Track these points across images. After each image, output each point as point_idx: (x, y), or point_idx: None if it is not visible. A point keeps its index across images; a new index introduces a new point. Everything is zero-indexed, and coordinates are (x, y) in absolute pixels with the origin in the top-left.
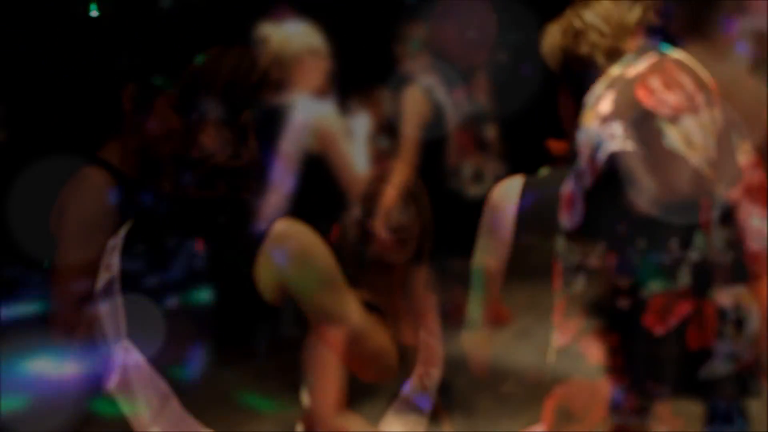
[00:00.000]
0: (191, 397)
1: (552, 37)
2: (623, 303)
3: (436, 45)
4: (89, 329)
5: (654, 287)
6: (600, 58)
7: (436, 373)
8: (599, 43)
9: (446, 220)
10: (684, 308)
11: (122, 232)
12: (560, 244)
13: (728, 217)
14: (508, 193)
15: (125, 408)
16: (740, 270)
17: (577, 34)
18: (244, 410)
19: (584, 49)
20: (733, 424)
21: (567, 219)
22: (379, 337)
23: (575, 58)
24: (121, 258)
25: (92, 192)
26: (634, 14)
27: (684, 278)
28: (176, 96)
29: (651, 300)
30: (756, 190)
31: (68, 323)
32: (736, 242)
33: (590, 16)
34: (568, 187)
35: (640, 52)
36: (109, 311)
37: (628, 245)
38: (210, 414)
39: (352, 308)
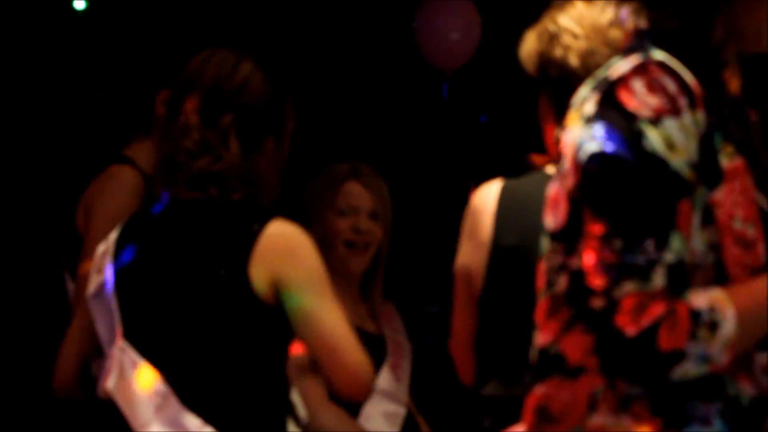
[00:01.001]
0: (191, 394)
1: (528, 42)
2: (597, 303)
3: None
4: None
5: (627, 288)
6: (573, 60)
7: (407, 365)
8: (572, 45)
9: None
10: (657, 309)
11: (113, 235)
12: (544, 244)
13: (710, 219)
14: (487, 197)
15: (123, 408)
16: (722, 272)
17: (552, 38)
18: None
19: (558, 52)
20: (710, 426)
21: (550, 220)
22: (359, 353)
23: (550, 61)
24: (113, 260)
25: (123, 190)
26: (606, 15)
27: (658, 279)
28: (165, 99)
29: (624, 300)
30: (739, 193)
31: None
32: (718, 245)
33: (564, 19)
34: (552, 188)
35: (627, 54)
36: (103, 313)
37: (605, 245)
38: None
39: (338, 315)
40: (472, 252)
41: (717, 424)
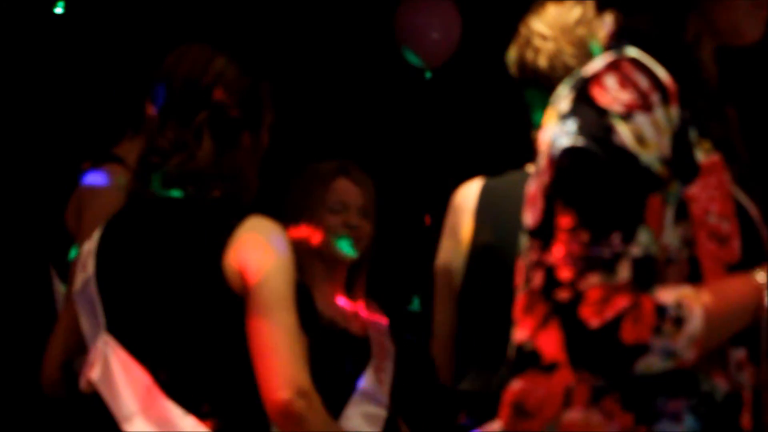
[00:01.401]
0: (175, 386)
1: (511, 48)
2: (563, 295)
3: None
4: None
5: (592, 280)
6: (542, 62)
7: (390, 366)
8: (542, 47)
9: None
10: (621, 302)
11: (96, 235)
12: (522, 241)
13: (685, 214)
14: (467, 195)
15: (107, 400)
16: (696, 268)
17: (525, 42)
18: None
19: (530, 55)
20: (681, 423)
21: (528, 217)
22: (293, 368)
23: (524, 64)
24: (96, 258)
25: (113, 190)
26: (574, 14)
27: (624, 273)
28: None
29: (589, 292)
30: (714, 188)
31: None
32: (693, 240)
33: (535, 22)
34: (531, 186)
35: (604, 52)
36: (87, 307)
37: (572, 237)
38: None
39: (287, 321)
40: (451, 250)
41: (688, 420)
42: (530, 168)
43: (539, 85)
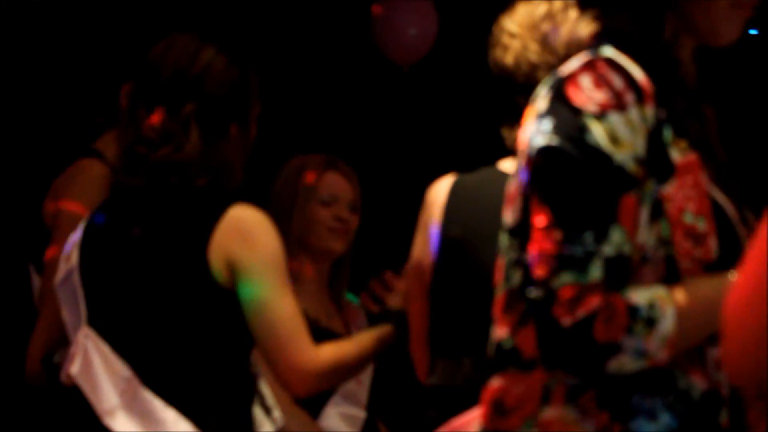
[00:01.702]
0: (156, 379)
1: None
2: (536, 293)
3: None
4: None
5: (565, 279)
6: (509, 60)
7: (369, 367)
8: (509, 45)
9: None
10: (593, 301)
11: (82, 226)
12: (502, 240)
13: (660, 213)
14: (438, 191)
15: (88, 393)
16: (673, 267)
17: (496, 41)
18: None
19: (499, 53)
20: (657, 420)
21: (508, 215)
22: (307, 348)
23: (495, 62)
24: (80, 249)
25: (91, 183)
26: (540, 10)
27: (596, 272)
28: (128, 91)
29: (561, 291)
30: (690, 187)
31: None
32: (669, 239)
33: (506, 21)
34: (511, 185)
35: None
36: (69, 299)
37: (546, 236)
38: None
39: (290, 306)
40: (423, 246)
41: (664, 418)
42: (502, 164)
43: (508, 82)
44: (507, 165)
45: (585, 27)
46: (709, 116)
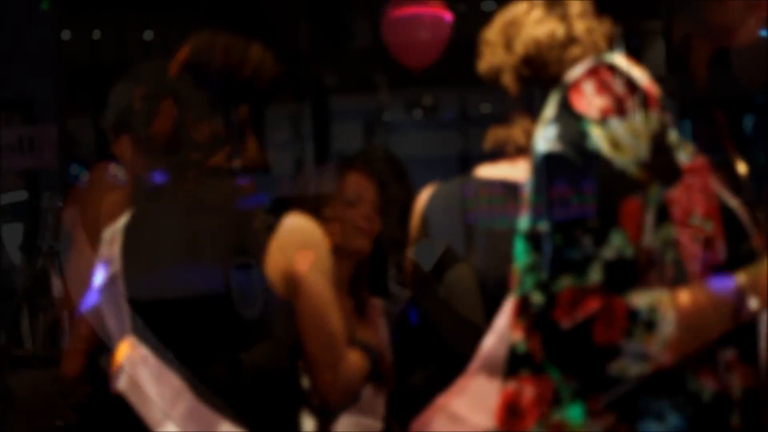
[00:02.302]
0: (209, 389)
1: None
2: (538, 297)
3: None
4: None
5: (564, 282)
6: (483, 67)
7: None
8: (483, 52)
9: None
10: (592, 304)
11: (120, 224)
12: (517, 245)
13: (666, 216)
14: (420, 200)
15: (136, 406)
16: (681, 270)
17: (478, 53)
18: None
19: (479, 62)
20: (665, 421)
21: (523, 221)
22: (353, 358)
23: (479, 70)
24: (123, 253)
25: (108, 186)
26: (507, 16)
27: (595, 275)
28: (142, 94)
29: (560, 294)
30: (698, 190)
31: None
32: (677, 242)
33: (486, 30)
34: (525, 190)
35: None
36: (113, 307)
37: (548, 240)
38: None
39: (339, 312)
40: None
41: (672, 420)
42: (478, 171)
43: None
44: (484, 170)
45: (543, 27)
46: (718, 118)
